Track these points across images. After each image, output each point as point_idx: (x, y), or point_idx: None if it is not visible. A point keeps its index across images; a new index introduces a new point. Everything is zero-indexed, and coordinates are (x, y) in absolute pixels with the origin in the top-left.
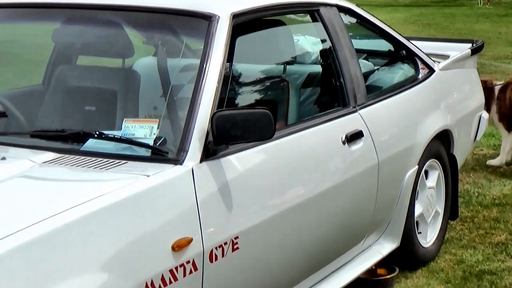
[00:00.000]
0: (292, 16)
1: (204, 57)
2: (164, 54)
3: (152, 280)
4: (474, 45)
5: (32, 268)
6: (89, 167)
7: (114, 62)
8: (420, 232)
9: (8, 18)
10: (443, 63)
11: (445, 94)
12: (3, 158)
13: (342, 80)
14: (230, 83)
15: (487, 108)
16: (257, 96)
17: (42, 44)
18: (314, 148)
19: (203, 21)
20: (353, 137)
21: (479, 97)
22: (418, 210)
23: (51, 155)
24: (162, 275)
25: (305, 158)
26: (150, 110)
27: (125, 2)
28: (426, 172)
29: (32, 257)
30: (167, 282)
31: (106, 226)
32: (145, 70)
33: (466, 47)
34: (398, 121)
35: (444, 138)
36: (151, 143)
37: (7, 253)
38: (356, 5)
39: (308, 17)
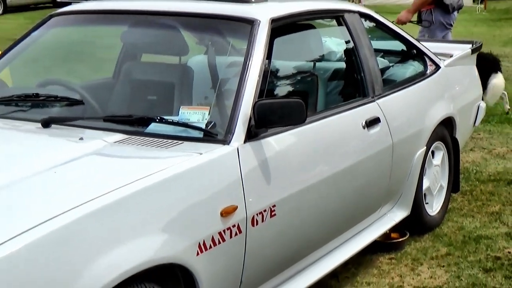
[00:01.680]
0: (320, 21)
1: (247, 55)
2: (213, 53)
3: (204, 240)
4: (473, 45)
5: (106, 229)
6: (151, 146)
7: (172, 59)
8: (427, 203)
9: (84, 22)
10: (448, 60)
11: (449, 87)
12: (81, 139)
13: (362, 74)
14: (268, 76)
15: None
16: (291, 88)
17: (111, 45)
18: (339, 131)
19: (246, 25)
20: (371, 122)
21: (478, 90)
22: (425, 184)
23: (120, 136)
24: (212, 236)
25: (331, 140)
26: (202, 99)
27: (181, 9)
28: (433, 152)
29: (104, 220)
30: (216, 242)
31: (166, 195)
32: (198, 66)
33: (467, 47)
34: (409, 109)
35: (448, 123)
36: (203, 126)
37: (84, 217)
38: (375, 11)
39: (334, 22)
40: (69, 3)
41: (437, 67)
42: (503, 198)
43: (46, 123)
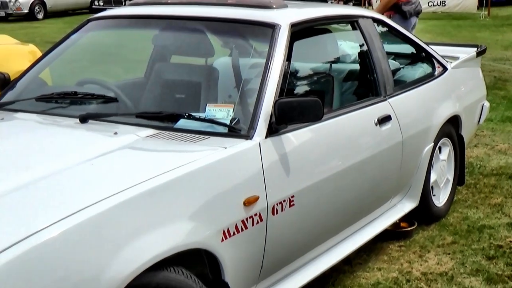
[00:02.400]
0: (336, 25)
1: (268, 57)
2: (237, 55)
3: (228, 227)
4: (478, 49)
5: (138, 217)
6: (180, 141)
7: (199, 60)
8: (434, 195)
9: (119, 26)
10: (454, 63)
11: (455, 87)
12: (115, 133)
13: (375, 75)
14: (288, 77)
15: None
16: (309, 87)
17: (143, 47)
18: (353, 128)
19: (268, 29)
20: (383, 120)
21: (482, 90)
22: (433, 177)
23: (151, 131)
24: (236, 224)
25: (345, 136)
26: (226, 98)
27: (207, 14)
28: (440, 148)
29: (137, 208)
30: (239, 230)
31: (193, 186)
32: (223, 67)
33: (472, 51)
34: (418, 107)
35: (454, 121)
36: (227, 122)
37: (118, 205)
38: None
39: (349, 26)
40: (104, 9)
41: (445, 68)
42: (505, 191)
43: (83, 119)
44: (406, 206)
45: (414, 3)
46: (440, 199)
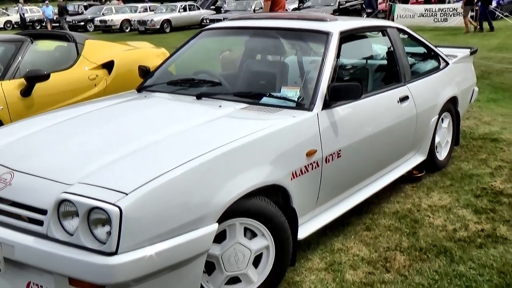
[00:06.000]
0: (370, 33)
1: (324, 55)
2: (301, 54)
3: (295, 170)
4: (471, 50)
5: (235, 162)
6: (263, 112)
7: (275, 58)
8: (438, 152)
9: (221, 35)
10: (454, 59)
11: (455, 76)
12: (220, 106)
13: (397, 67)
14: (337, 68)
15: None
16: (351, 76)
17: (238, 49)
18: (381, 104)
19: (323, 35)
20: (403, 99)
21: (473, 79)
22: (437, 139)
23: (244, 105)
24: (301, 168)
25: (376, 110)
26: (294, 83)
27: (281, 25)
28: (442, 119)
29: (234, 157)
30: (303, 172)
31: (273, 141)
32: (291, 63)
33: (466, 51)
34: (428, 90)
35: (453, 101)
36: (296, 99)
37: (221, 154)
38: (407, 27)
39: (379, 34)
40: (209, 24)
41: (447, 63)
42: (488, 150)
43: (198, 96)
44: (417, 159)
45: None
46: (442, 154)
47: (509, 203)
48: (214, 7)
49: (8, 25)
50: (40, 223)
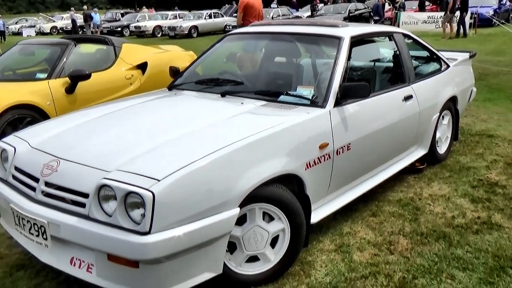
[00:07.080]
0: (378, 38)
1: (336, 58)
2: (315, 57)
3: (309, 161)
4: (470, 53)
5: (254, 154)
6: (281, 109)
7: (291, 60)
8: (438, 146)
9: (243, 39)
10: (454, 62)
11: (455, 78)
12: (242, 103)
13: (402, 69)
14: (348, 70)
15: None
16: (361, 77)
17: (258, 52)
18: (388, 103)
19: (335, 40)
20: (407, 98)
21: (472, 80)
22: (438, 135)
23: (264, 102)
24: (314, 159)
25: (383, 107)
26: (308, 83)
27: (297, 31)
28: (443, 117)
29: (254, 149)
30: (316, 163)
31: (289, 135)
32: (306, 64)
33: (466, 55)
34: (430, 90)
35: (453, 100)
36: (310, 97)
37: (242, 146)
38: (412, 33)
39: (386, 38)
40: (231, 30)
41: (448, 66)
42: (484, 145)
43: (223, 94)
44: (419, 152)
45: None
46: (442, 149)
47: (504, 194)
48: (236, 15)
49: (54, 30)
50: (82, 205)
